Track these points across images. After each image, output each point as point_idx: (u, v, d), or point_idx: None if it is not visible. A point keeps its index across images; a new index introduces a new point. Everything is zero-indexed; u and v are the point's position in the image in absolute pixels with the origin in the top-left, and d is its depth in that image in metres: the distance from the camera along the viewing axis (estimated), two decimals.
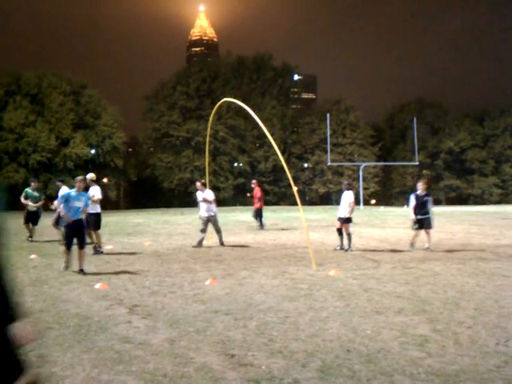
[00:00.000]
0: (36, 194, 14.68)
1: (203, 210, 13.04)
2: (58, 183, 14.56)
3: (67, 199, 9.25)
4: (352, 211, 12.11)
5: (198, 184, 13.43)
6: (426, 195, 12.05)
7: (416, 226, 11.98)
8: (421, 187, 12.13)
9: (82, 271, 8.89)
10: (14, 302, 2.39)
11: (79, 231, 9.23)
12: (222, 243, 13.21)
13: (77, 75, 55.30)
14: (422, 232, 12.07)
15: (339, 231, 12.21)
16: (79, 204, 9.24)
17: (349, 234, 12.00)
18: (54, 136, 48.49)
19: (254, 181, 19.93)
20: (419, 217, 11.90)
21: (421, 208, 11.93)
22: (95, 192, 12.02)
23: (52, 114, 49.21)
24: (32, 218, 14.46)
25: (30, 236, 14.41)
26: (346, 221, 12.03)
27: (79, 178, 9.65)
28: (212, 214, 13.06)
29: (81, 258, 9.04)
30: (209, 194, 13.09)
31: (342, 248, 12.08)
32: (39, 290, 7.47)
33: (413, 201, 12.08)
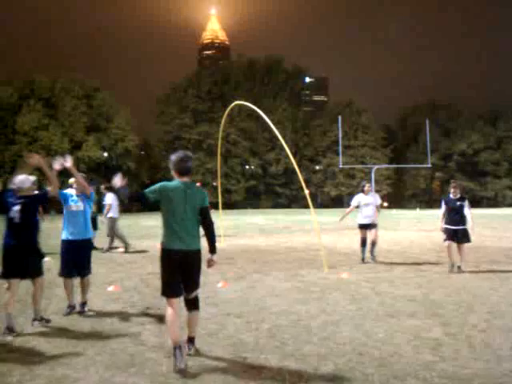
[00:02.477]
0: None
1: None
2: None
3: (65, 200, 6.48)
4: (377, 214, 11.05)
5: (102, 187, 13.21)
6: (461, 199, 9.55)
7: (445, 238, 9.53)
8: (453, 189, 9.67)
9: (84, 306, 6.38)
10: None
11: (82, 254, 6.45)
12: (107, 249, 12.50)
13: (89, 78, 55.75)
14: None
15: (364, 242, 10.73)
16: (78, 207, 6.42)
17: (375, 243, 10.78)
18: (67, 139, 48.93)
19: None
20: (451, 227, 9.44)
21: (453, 215, 9.48)
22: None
23: (65, 118, 49.66)
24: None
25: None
26: (375, 226, 10.76)
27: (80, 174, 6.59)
28: (108, 217, 12.67)
29: (84, 288, 6.47)
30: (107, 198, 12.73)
31: (364, 260, 10.66)
32: (53, 293, 7.52)
33: (443, 207, 9.70)
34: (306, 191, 10.85)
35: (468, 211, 9.45)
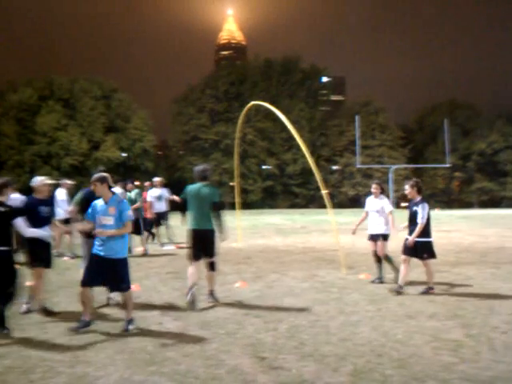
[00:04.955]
0: (132, 196, 12.46)
1: None
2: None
3: (92, 214, 5.70)
4: (393, 225, 8.42)
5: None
6: (419, 202, 7.49)
7: (402, 250, 7.58)
8: (409, 190, 7.70)
9: (129, 323, 5.61)
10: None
11: (114, 269, 5.59)
12: None
13: (107, 79, 56.24)
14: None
15: (377, 256, 8.47)
16: (108, 220, 5.57)
17: (387, 258, 8.38)
18: (86, 139, 49.42)
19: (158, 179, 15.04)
20: (407, 237, 7.48)
21: (410, 222, 7.56)
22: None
23: (84, 118, 50.17)
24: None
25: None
26: (383, 238, 8.38)
27: (97, 176, 5.75)
28: None
29: (126, 303, 5.76)
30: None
31: (381, 281, 8.33)
32: (72, 292, 7.58)
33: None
34: (325, 191, 10.72)
35: (420, 218, 7.33)
